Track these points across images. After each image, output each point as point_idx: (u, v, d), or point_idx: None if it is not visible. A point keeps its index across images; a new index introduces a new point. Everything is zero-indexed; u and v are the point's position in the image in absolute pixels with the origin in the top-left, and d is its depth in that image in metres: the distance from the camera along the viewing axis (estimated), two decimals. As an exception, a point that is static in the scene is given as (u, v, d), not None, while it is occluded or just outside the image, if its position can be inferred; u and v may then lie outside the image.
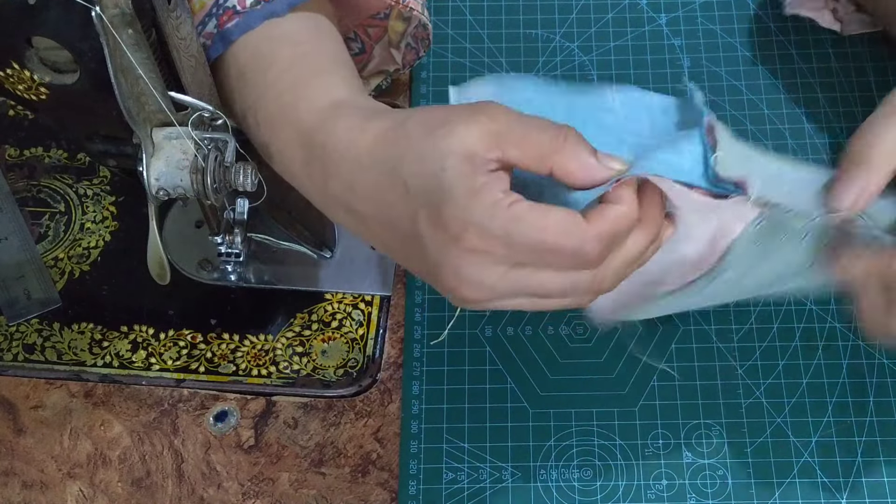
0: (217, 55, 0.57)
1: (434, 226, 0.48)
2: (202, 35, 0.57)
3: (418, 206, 0.48)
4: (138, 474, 0.63)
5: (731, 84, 0.76)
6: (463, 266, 0.48)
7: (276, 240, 0.68)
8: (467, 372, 0.66)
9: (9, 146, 0.74)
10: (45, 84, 0.53)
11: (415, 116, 0.50)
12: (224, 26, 0.57)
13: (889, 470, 0.62)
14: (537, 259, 0.48)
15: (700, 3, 0.79)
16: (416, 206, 0.49)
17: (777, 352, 0.66)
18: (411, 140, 0.49)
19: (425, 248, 0.49)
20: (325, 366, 0.66)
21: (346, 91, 0.56)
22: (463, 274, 0.48)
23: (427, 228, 0.48)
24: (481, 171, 0.47)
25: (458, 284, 0.49)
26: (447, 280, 0.49)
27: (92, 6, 0.46)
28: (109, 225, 0.71)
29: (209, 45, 0.57)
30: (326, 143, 0.53)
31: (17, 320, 0.67)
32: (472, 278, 0.48)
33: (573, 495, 0.62)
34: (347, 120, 0.53)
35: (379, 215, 0.51)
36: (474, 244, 0.47)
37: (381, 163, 0.50)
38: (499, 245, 0.47)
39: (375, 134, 0.51)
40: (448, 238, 0.47)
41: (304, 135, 0.54)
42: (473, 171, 0.47)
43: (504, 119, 0.48)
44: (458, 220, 0.47)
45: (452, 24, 0.79)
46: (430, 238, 0.48)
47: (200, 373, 0.66)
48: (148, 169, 0.54)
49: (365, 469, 0.63)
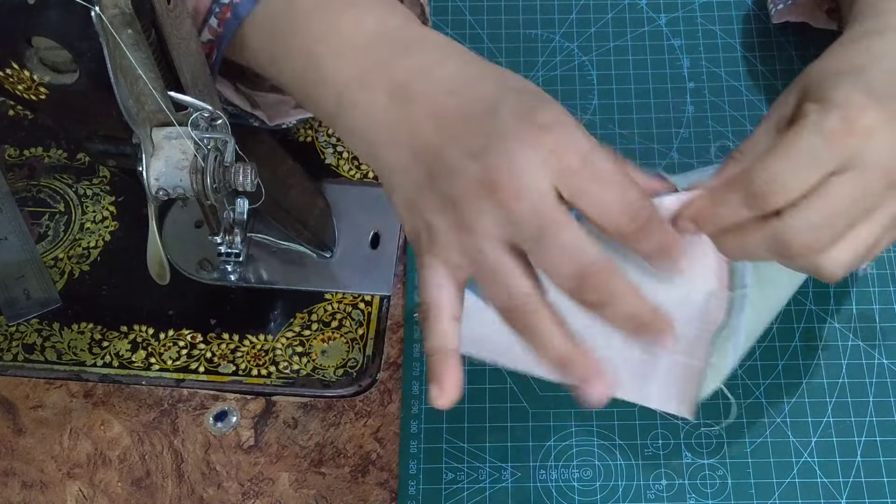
0: (247, 12, 0.57)
1: (518, 109, 0.47)
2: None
3: (508, 93, 0.49)
4: (138, 474, 0.63)
5: (730, 84, 0.76)
6: (523, 151, 0.46)
7: (276, 240, 0.68)
8: (467, 372, 0.66)
9: (9, 146, 0.74)
10: (44, 84, 0.53)
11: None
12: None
13: (889, 470, 0.62)
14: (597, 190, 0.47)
15: (699, 4, 0.79)
16: (506, 93, 0.49)
17: (777, 352, 0.66)
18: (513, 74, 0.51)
19: (489, 124, 0.48)
20: (325, 366, 0.66)
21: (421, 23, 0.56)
22: (519, 158, 0.46)
23: (508, 109, 0.48)
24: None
25: (502, 164, 0.47)
26: (494, 157, 0.47)
27: (91, 6, 0.46)
28: (109, 225, 0.71)
29: (237, 2, 0.57)
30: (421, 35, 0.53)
31: (16, 320, 0.67)
32: (522, 166, 0.46)
33: (573, 495, 0.62)
34: (444, 36, 0.54)
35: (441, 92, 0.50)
36: (553, 141, 0.46)
37: (479, 64, 0.51)
38: (577, 156, 0.46)
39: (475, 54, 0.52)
40: (531, 123, 0.47)
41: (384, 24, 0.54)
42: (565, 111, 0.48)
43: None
44: (552, 115, 0.47)
45: (452, 24, 0.79)
46: (507, 117, 0.47)
47: (200, 373, 0.66)
48: (147, 169, 0.54)
49: (365, 469, 0.63)
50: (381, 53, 0.53)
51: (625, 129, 0.74)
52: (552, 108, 0.48)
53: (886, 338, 0.66)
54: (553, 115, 0.47)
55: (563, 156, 0.46)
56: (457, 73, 0.51)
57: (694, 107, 0.75)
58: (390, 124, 0.52)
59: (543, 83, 0.76)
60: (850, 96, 0.50)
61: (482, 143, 0.47)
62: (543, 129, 0.47)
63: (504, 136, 0.47)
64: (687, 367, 0.55)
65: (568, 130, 0.47)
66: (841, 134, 0.49)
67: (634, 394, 0.56)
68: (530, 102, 0.48)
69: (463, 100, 0.50)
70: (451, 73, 0.51)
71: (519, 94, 0.49)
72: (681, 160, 0.72)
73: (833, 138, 0.49)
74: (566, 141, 0.47)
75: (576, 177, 0.47)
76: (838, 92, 0.50)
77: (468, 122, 0.49)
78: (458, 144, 0.49)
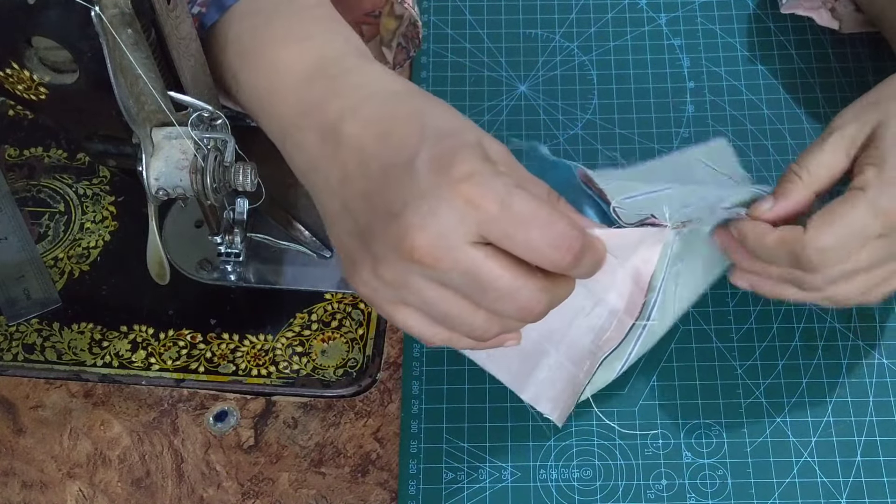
0: (212, 22, 0.57)
1: (435, 163, 0.47)
2: (197, 4, 0.57)
3: (427, 143, 0.48)
4: (138, 474, 0.63)
5: (730, 84, 0.76)
6: (441, 209, 0.46)
7: (276, 240, 0.68)
8: (467, 372, 0.66)
9: (9, 146, 0.74)
10: (44, 84, 0.53)
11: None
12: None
13: (889, 470, 0.62)
14: (518, 231, 0.47)
15: (699, 3, 0.79)
16: (425, 143, 0.48)
17: (777, 351, 0.66)
18: (445, 106, 0.52)
19: (407, 182, 0.48)
20: (325, 366, 0.66)
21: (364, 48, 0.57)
22: (436, 217, 0.46)
23: (425, 163, 0.47)
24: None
25: (419, 227, 0.46)
26: (411, 219, 0.47)
27: (91, 6, 0.46)
28: (109, 225, 0.71)
29: (204, 12, 0.57)
30: (353, 70, 0.54)
31: (16, 320, 0.67)
32: (440, 226, 0.46)
33: (573, 495, 0.62)
34: (380, 66, 0.55)
35: (366, 143, 0.51)
36: (469, 193, 0.46)
37: (407, 103, 0.52)
38: (493, 203, 0.46)
39: (407, 85, 0.54)
40: (446, 178, 0.47)
41: (322, 58, 0.55)
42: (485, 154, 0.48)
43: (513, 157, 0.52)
44: (466, 168, 0.46)
45: (452, 24, 0.79)
46: (424, 172, 0.47)
47: (200, 373, 0.66)
48: (147, 169, 0.55)
49: (365, 469, 0.63)
50: (315, 92, 0.54)
51: (625, 129, 0.74)
52: (469, 155, 0.47)
53: (886, 338, 0.66)
54: (469, 163, 0.47)
55: (481, 205, 0.46)
56: (382, 114, 0.51)
57: (694, 106, 0.75)
58: (324, 169, 0.52)
59: (543, 83, 0.76)
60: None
61: (400, 201, 0.47)
62: (459, 182, 0.46)
63: (421, 193, 0.47)
64: (571, 375, 0.59)
65: (483, 178, 0.46)
66: (892, 213, 0.53)
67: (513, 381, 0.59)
68: (449, 151, 0.47)
69: (386, 148, 0.50)
70: (376, 114, 0.51)
71: (438, 141, 0.48)
72: (681, 160, 0.72)
73: (885, 216, 0.53)
74: (482, 190, 0.46)
75: (497, 223, 0.46)
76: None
77: (390, 175, 0.49)
78: (380, 200, 0.49)
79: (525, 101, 0.75)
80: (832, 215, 0.53)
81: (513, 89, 0.76)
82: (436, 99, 0.53)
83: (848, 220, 0.53)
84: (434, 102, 0.52)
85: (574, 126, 0.74)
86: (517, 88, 0.76)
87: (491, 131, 0.73)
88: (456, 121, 0.51)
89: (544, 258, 0.47)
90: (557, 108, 0.75)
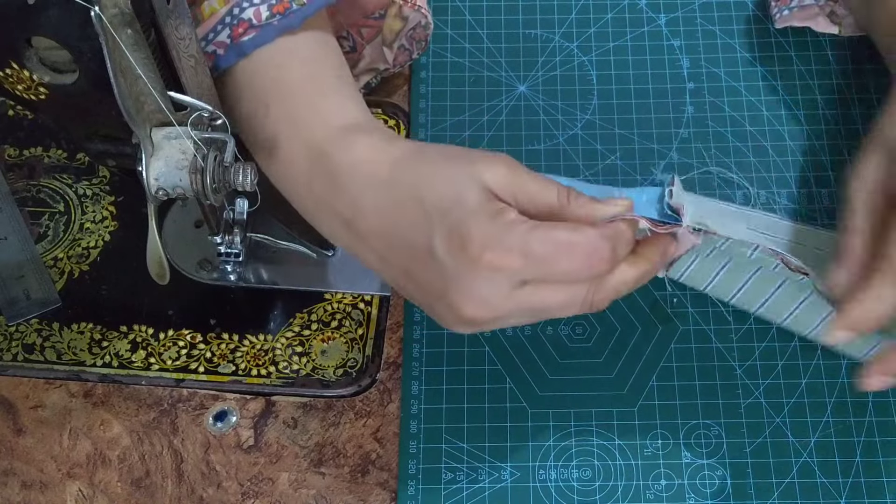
0: (228, 66, 0.58)
1: (450, 244, 0.50)
2: (212, 43, 0.57)
3: (435, 226, 0.50)
4: (138, 474, 0.63)
5: (729, 85, 0.76)
6: (475, 284, 0.50)
7: (276, 240, 0.68)
8: (466, 372, 0.66)
9: (8, 146, 0.74)
10: (44, 84, 0.53)
11: (433, 146, 0.54)
12: (239, 39, 0.57)
13: (888, 470, 0.62)
14: (549, 268, 0.49)
15: (699, 4, 0.79)
16: (434, 226, 0.50)
17: (776, 352, 0.66)
18: (434, 164, 0.52)
19: (436, 267, 0.51)
20: (325, 366, 0.66)
21: (359, 112, 0.57)
22: (474, 292, 0.50)
23: (442, 246, 0.50)
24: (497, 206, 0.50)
25: (465, 303, 0.50)
26: (455, 298, 0.50)
27: (91, 6, 0.46)
28: (109, 225, 0.71)
29: (221, 54, 0.57)
30: (341, 159, 0.54)
31: (16, 320, 0.67)
32: (482, 296, 0.50)
33: (572, 495, 0.62)
34: (368, 139, 0.55)
35: (385, 234, 0.53)
36: (491, 260, 0.49)
37: (401, 183, 0.52)
38: (516, 258, 0.49)
39: (396, 156, 0.53)
40: (465, 257, 0.49)
41: (314, 149, 0.56)
42: (490, 199, 0.50)
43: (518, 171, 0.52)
44: (479, 238, 0.49)
45: (452, 24, 0.79)
46: (445, 256, 0.50)
47: (200, 373, 0.66)
48: (147, 169, 0.55)
49: (364, 469, 0.63)
50: (319, 187, 0.56)
51: (624, 129, 0.74)
52: (477, 224, 0.49)
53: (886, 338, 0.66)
54: (479, 235, 0.49)
55: (506, 266, 0.49)
56: (384, 205, 0.53)
57: (693, 107, 0.75)
58: (360, 252, 0.56)
59: (543, 83, 0.76)
60: None
61: (439, 285, 0.51)
62: (478, 258, 0.49)
63: (452, 277, 0.50)
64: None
65: (497, 243, 0.49)
66: None
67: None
68: (456, 228, 0.49)
69: (403, 237, 0.52)
70: (379, 206, 0.53)
71: (443, 219, 0.50)
72: (680, 160, 0.73)
73: None
74: (501, 254, 0.49)
75: (526, 271, 0.49)
76: None
77: (417, 260, 0.52)
78: (422, 280, 0.52)
79: (524, 101, 0.75)
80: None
81: (512, 89, 0.76)
82: (428, 160, 0.53)
83: None
84: (425, 169, 0.53)
85: (574, 126, 0.74)
86: (517, 89, 0.76)
87: (490, 131, 0.74)
88: (451, 182, 0.51)
89: (583, 276, 0.50)
90: (557, 108, 0.75)
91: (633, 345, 0.66)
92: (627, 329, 0.67)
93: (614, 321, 0.67)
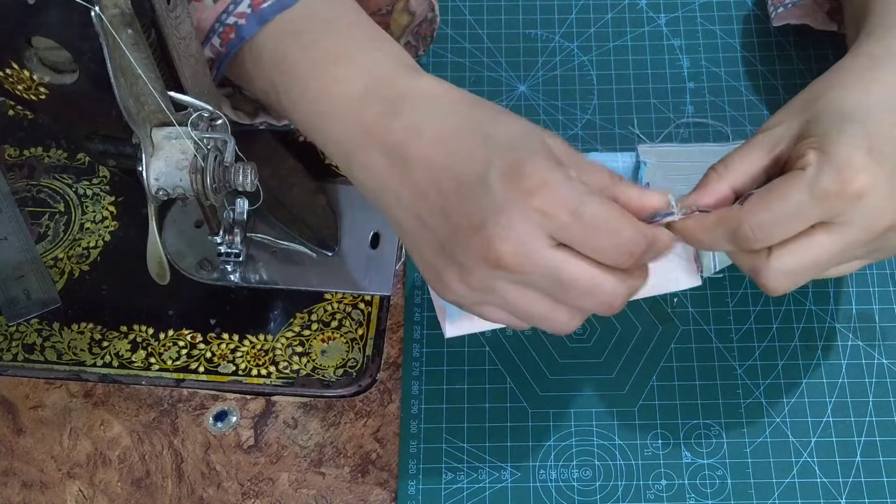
0: (251, 35, 0.58)
1: (508, 175, 0.49)
2: (233, 14, 0.57)
3: (495, 157, 0.50)
4: (138, 474, 0.63)
5: (730, 84, 0.76)
6: (520, 220, 0.49)
7: (276, 240, 0.68)
8: (466, 372, 0.66)
9: (9, 146, 0.74)
10: (44, 84, 0.53)
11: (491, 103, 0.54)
12: (259, 6, 0.57)
13: (888, 470, 0.62)
14: (590, 237, 0.49)
15: (699, 4, 0.79)
16: (493, 157, 0.50)
17: (776, 352, 0.66)
18: (500, 112, 0.53)
19: (483, 196, 0.50)
20: (325, 366, 0.66)
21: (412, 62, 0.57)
22: (515, 227, 0.49)
23: (498, 176, 0.49)
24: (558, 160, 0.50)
25: (503, 237, 0.49)
26: (494, 230, 0.49)
27: (91, 6, 0.46)
28: (109, 225, 0.71)
29: (242, 24, 0.57)
30: (408, 89, 0.54)
31: (16, 320, 0.67)
32: (521, 234, 0.49)
33: (572, 495, 0.62)
34: (434, 79, 0.55)
35: (436, 162, 0.52)
36: (543, 202, 0.48)
37: (466, 115, 0.53)
38: (566, 212, 0.49)
39: (462, 95, 0.54)
40: (519, 189, 0.49)
41: (373, 79, 0.55)
42: (552, 155, 0.50)
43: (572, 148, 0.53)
44: (538, 177, 0.49)
45: (452, 24, 0.79)
46: (498, 185, 0.49)
47: (200, 373, 0.66)
48: (147, 169, 0.55)
49: (364, 469, 0.63)
50: (373, 112, 0.55)
51: (624, 129, 0.74)
52: (539, 164, 0.49)
53: (886, 338, 0.66)
54: (540, 173, 0.49)
55: (555, 214, 0.49)
56: (445, 132, 0.52)
57: (694, 107, 0.75)
58: (394, 188, 0.54)
59: (543, 83, 0.76)
60: (850, 156, 0.51)
61: (480, 216, 0.50)
62: (532, 194, 0.49)
63: (498, 207, 0.49)
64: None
65: (554, 188, 0.49)
66: (832, 195, 0.51)
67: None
68: (517, 162, 0.49)
69: (455, 166, 0.51)
70: (439, 132, 0.52)
71: (506, 153, 0.50)
72: (680, 160, 0.73)
73: (824, 198, 0.51)
74: (554, 200, 0.49)
75: (569, 230, 0.49)
76: (840, 147, 0.52)
77: (464, 190, 0.51)
78: (458, 215, 0.51)
79: (525, 101, 0.75)
80: (770, 192, 0.52)
81: (512, 89, 0.76)
82: (494, 107, 0.54)
83: (785, 196, 0.51)
84: (494, 111, 0.53)
85: (574, 126, 0.74)
86: (517, 88, 0.76)
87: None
88: (518, 127, 0.52)
89: (609, 259, 0.50)
90: (557, 108, 0.75)
91: (633, 345, 0.66)
92: (627, 329, 0.67)
93: (614, 321, 0.67)
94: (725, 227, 0.53)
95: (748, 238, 0.52)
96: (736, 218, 0.52)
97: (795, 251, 0.52)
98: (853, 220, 0.52)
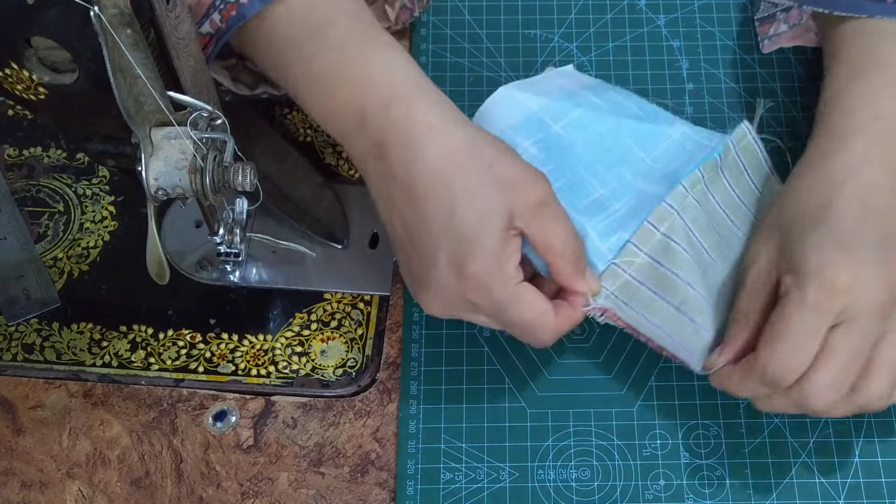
0: (253, 13, 0.58)
1: (452, 266, 0.55)
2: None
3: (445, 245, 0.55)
4: (137, 474, 0.63)
5: (728, 86, 0.76)
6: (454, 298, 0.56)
7: (276, 240, 0.68)
8: (465, 372, 0.66)
9: (8, 146, 0.74)
10: (43, 84, 0.53)
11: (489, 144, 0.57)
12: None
13: (887, 471, 0.62)
14: (511, 329, 0.59)
15: (699, 5, 0.79)
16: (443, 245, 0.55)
17: (775, 352, 0.66)
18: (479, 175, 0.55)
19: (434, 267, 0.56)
20: (324, 366, 0.66)
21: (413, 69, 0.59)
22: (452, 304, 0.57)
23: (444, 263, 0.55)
24: (510, 234, 0.55)
25: (436, 306, 0.58)
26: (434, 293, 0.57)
27: (90, 6, 0.46)
28: (108, 225, 0.71)
29: (244, 2, 0.57)
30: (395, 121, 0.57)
31: (16, 320, 0.67)
32: (454, 311, 0.58)
33: (571, 495, 0.62)
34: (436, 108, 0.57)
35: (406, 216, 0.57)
36: (475, 298, 0.56)
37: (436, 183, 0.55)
38: (490, 307, 0.56)
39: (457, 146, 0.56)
40: (460, 280, 0.55)
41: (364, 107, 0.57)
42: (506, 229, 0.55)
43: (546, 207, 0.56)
44: (475, 280, 0.55)
45: (451, 24, 0.79)
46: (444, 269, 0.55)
47: (199, 373, 0.66)
48: (147, 169, 0.55)
49: (364, 469, 0.63)
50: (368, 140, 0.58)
51: (624, 129, 0.74)
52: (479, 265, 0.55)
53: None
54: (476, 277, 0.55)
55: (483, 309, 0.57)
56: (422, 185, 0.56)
57: (693, 108, 0.75)
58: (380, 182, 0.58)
59: (542, 84, 0.76)
60: (822, 261, 0.55)
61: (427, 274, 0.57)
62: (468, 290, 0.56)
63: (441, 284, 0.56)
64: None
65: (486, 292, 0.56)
66: (824, 301, 0.54)
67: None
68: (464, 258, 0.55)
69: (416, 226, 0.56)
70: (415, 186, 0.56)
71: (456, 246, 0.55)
72: (679, 161, 0.72)
73: (819, 308, 0.54)
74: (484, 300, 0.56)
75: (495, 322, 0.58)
76: (809, 258, 0.55)
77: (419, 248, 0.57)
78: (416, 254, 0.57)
79: (524, 101, 0.75)
80: (771, 327, 0.56)
81: (512, 90, 0.76)
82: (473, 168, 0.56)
83: (786, 324, 0.55)
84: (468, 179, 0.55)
85: (573, 127, 0.74)
86: (516, 89, 0.76)
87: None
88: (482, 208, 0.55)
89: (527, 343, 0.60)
90: (556, 108, 0.75)
91: (631, 345, 0.66)
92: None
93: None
94: (752, 376, 0.56)
95: (777, 378, 0.55)
96: (758, 364, 0.56)
97: (822, 363, 0.55)
98: (855, 310, 0.54)
